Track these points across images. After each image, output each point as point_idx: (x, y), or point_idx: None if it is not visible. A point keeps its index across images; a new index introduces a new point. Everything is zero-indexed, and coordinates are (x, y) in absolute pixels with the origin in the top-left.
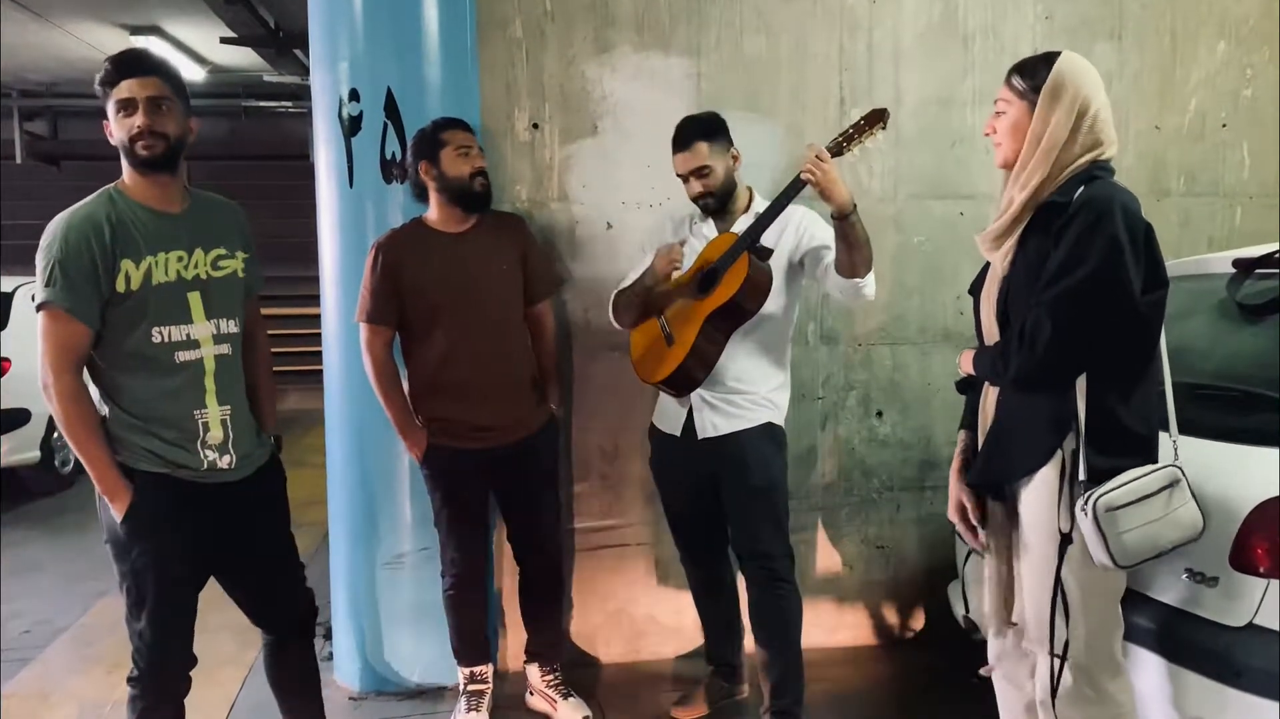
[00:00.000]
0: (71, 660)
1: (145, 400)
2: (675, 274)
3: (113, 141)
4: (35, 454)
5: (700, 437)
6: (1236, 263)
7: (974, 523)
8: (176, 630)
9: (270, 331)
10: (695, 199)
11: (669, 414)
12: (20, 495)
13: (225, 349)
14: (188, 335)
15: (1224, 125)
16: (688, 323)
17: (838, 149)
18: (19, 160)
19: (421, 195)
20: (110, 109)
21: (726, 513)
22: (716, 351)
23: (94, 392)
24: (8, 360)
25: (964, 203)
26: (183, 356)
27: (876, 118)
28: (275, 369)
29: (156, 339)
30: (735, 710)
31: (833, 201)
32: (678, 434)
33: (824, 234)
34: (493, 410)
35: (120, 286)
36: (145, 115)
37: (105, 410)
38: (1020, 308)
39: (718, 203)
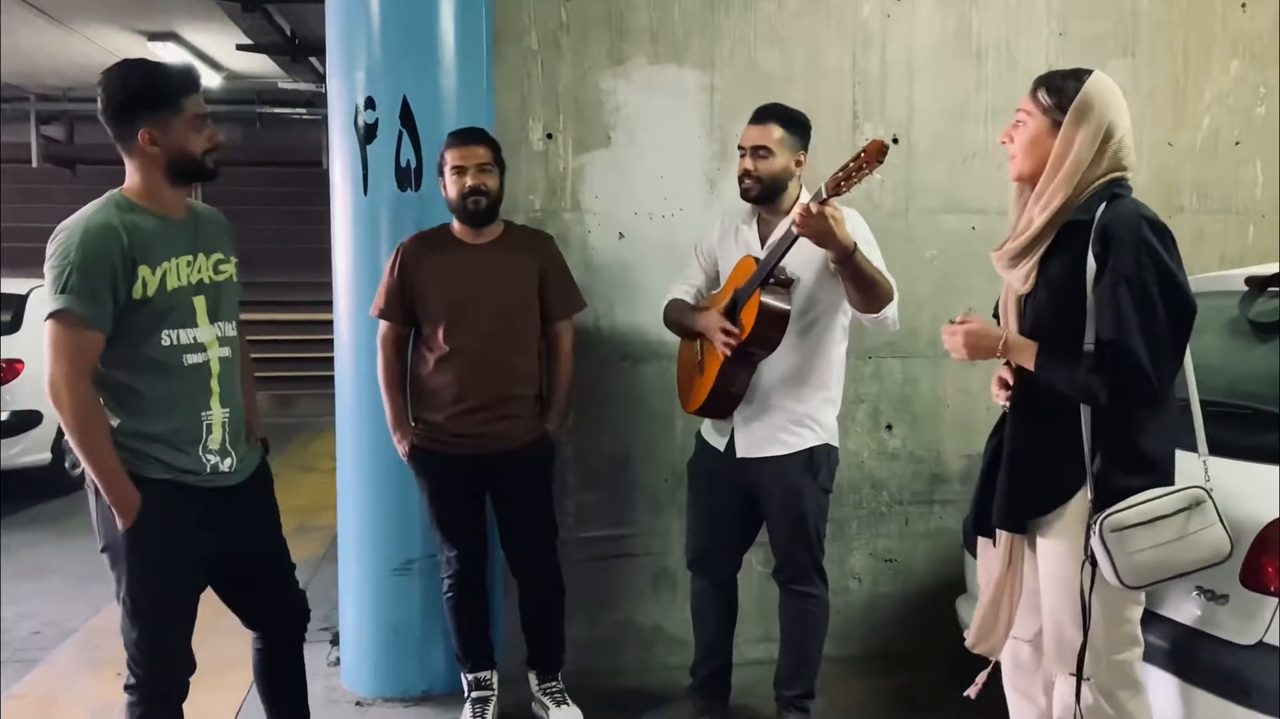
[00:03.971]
0: (80, 663)
1: (153, 404)
2: (731, 344)
3: (155, 148)
4: (46, 456)
5: (739, 456)
6: (1249, 280)
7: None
8: (178, 638)
9: (282, 337)
10: (741, 177)
11: (715, 428)
12: (30, 497)
13: (227, 351)
14: (195, 339)
15: (1237, 143)
16: (716, 354)
17: (836, 189)
18: (35, 164)
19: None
20: (184, 120)
21: (764, 522)
22: (742, 383)
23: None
24: (20, 362)
25: (976, 217)
26: (190, 359)
27: (875, 152)
28: (287, 375)
29: (166, 343)
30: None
31: (828, 249)
32: (721, 449)
33: (861, 241)
34: (476, 420)
35: (138, 293)
36: (216, 130)
37: (112, 417)
38: (1045, 327)
39: (759, 192)
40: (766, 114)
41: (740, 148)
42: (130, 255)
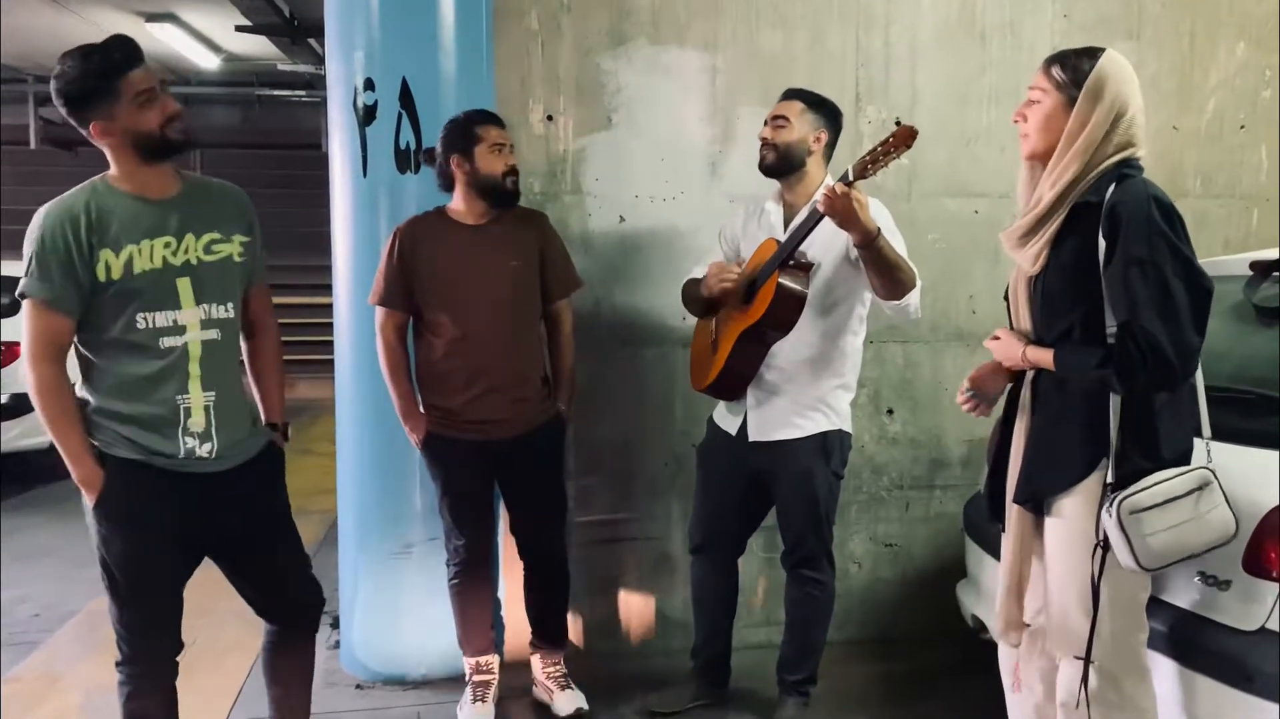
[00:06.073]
0: (79, 645)
1: (127, 385)
2: (727, 284)
3: (110, 136)
4: (45, 439)
5: (751, 439)
6: (1254, 265)
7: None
8: (156, 617)
9: (281, 320)
10: (761, 144)
11: (727, 412)
12: (29, 480)
13: (213, 334)
14: (174, 321)
15: (1242, 127)
16: (730, 333)
17: (862, 171)
18: (33, 145)
19: (447, 186)
20: (126, 101)
21: (775, 505)
22: (754, 364)
23: (76, 376)
24: (19, 345)
25: (978, 201)
26: (168, 342)
27: (905, 137)
28: (286, 358)
29: (141, 325)
30: (717, 708)
31: (851, 232)
32: (733, 434)
33: (885, 229)
34: (492, 404)
35: (101, 276)
36: (168, 100)
37: (87, 395)
38: (1056, 309)
39: (773, 159)
40: (793, 93)
41: (765, 122)
42: (89, 240)
